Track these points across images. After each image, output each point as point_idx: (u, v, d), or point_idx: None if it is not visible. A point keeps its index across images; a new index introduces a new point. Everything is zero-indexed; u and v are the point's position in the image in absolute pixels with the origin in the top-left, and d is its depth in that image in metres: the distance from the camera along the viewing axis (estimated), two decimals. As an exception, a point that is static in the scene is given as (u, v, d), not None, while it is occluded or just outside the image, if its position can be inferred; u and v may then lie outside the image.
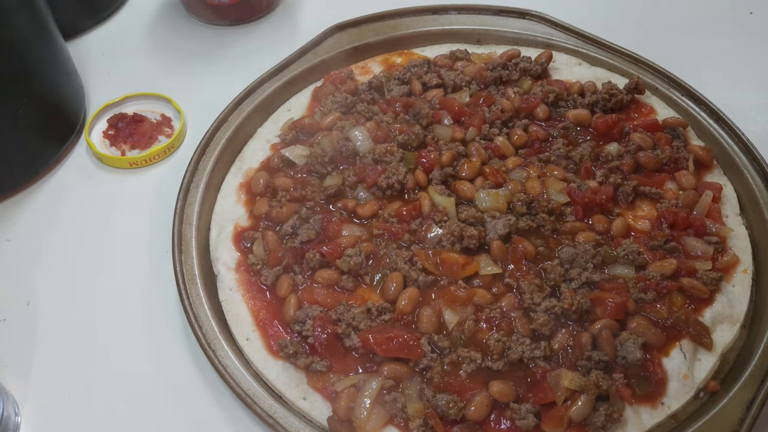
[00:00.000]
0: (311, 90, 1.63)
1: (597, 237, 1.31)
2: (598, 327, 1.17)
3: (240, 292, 1.27)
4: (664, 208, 1.35)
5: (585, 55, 1.67)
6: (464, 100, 1.55)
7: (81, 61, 1.79)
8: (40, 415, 1.21)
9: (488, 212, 1.32)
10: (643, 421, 1.11)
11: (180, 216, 1.35)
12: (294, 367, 1.17)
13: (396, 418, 1.11)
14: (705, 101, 1.52)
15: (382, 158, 1.41)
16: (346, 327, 1.19)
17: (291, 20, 1.70)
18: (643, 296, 1.22)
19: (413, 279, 1.24)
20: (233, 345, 1.21)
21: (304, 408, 1.14)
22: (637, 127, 1.49)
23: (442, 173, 1.40)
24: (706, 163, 1.44)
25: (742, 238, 1.34)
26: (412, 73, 1.61)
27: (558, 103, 1.56)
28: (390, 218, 1.33)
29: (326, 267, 1.28)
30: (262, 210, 1.37)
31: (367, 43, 1.70)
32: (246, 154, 1.50)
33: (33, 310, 1.34)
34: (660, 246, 1.29)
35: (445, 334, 1.19)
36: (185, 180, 1.39)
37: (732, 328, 1.22)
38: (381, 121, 1.50)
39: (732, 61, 1.80)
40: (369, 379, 1.13)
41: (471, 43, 1.74)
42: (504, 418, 1.11)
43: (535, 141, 1.48)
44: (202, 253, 1.33)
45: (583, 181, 1.39)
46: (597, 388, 1.09)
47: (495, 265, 1.26)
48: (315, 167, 1.41)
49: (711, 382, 1.16)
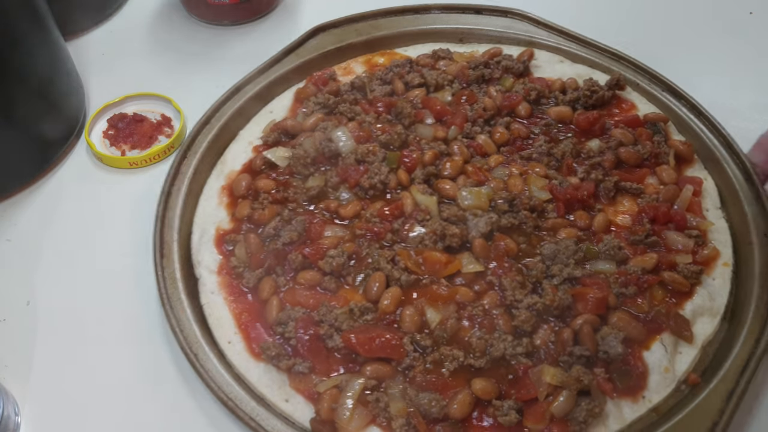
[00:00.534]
0: (293, 91, 1.62)
1: (579, 233, 1.31)
2: (580, 322, 1.17)
3: (222, 295, 1.27)
4: (644, 203, 1.35)
5: (567, 53, 1.67)
6: (446, 99, 1.56)
7: (81, 61, 1.79)
8: (40, 415, 1.21)
9: (470, 210, 1.32)
10: (624, 415, 1.12)
11: (161, 220, 1.35)
12: (276, 369, 1.17)
13: (379, 418, 1.11)
14: (686, 96, 1.53)
15: (364, 158, 1.42)
16: (329, 328, 1.19)
17: (291, 20, 1.70)
18: (624, 291, 1.22)
19: (396, 278, 1.24)
20: (215, 348, 1.21)
21: (287, 410, 1.14)
22: (618, 123, 1.50)
23: (425, 172, 1.40)
24: (687, 158, 1.45)
25: (722, 231, 1.34)
26: (395, 72, 1.62)
27: (540, 101, 1.56)
28: (372, 218, 1.34)
29: (309, 268, 1.28)
30: (244, 212, 1.37)
31: (349, 44, 1.70)
32: (228, 157, 1.50)
33: (33, 310, 1.34)
34: (641, 241, 1.30)
35: (427, 332, 1.19)
36: (166, 184, 1.39)
37: (712, 320, 1.23)
38: (363, 122, 1.50)
39: (732, 60, 1.81)
40: (351, 380, 1.13)
41: (453, 42, 1.74)
42: (486, 415, 1.11)
43: (517, 138, 1.48)
44: (184, 257, 1.33)
45: (564, 178, 1.39)
46: (578, 383, 1.09)
47: (477, 263, 1.26)
48: (297, 168, 1.42)
49: (692, 375, 1.17)
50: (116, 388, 1.23)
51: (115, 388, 1.23)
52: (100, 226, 1.47)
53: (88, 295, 1.36)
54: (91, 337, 1.30)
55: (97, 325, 1.31)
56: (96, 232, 1.46)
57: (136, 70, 1.83)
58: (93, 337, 1.30)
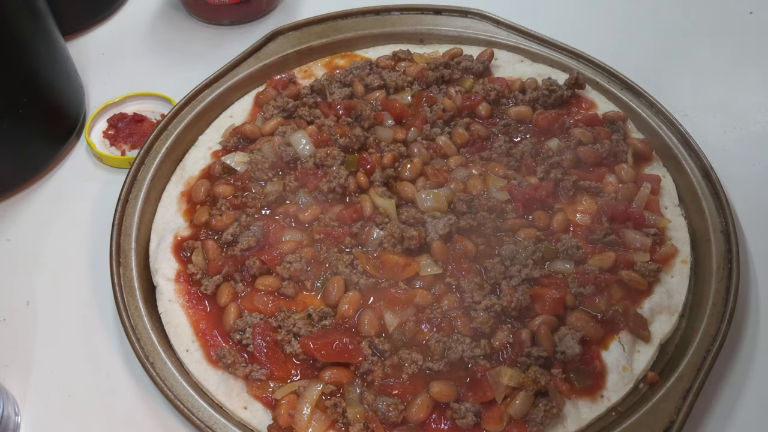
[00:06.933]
0: (253, 95, 1.61)
1: (538, 233, 1.31)
2: (537, 323, 1.17)
3: (179, 303, 1.25)
4: (603, 202, 1.36)
5: (527, 52, 1.68)
6: (406, 100, 1.55)
7: (81, 61, 1.78)
8: (40, 415, 1.21)
9: (429, 213, 1.32)
10: (582, 415, 1.12)
11: (118, 228, 1.33)
12: (233, 376, 1.16)
13: (337, 423, 1.10)
14: (645, 94, 1.54)
15: (323, 162, 1.41)
16: (287, 334, 1.18)
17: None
18: (582, 290, 1.22)
19: (354, 282, 1.24)
20: (173, 357, 1.20)
21: (245, 417, 1.13)
22: (577, 122, 1.50)
23: (384, 175, 1.40)
24: (646, 156, 1.46)
25: (680, 228, 1.35)
26: (354, 75, 1.61)
27: (500, 101, 1.56)
28: (331, 222, 1.33)
29: (267, 274, 1.27)
30: (202, 219, 1.35)
31: (309, 47, 1.69)
32: (187, 163, 1.49)
33: (33, 310, 1.34)
34: (599, 239, 1.30)
35: (385, 336, 1.19)
36: (123, 191, 1.37)
37: (671, 318, 1.23)
38: (323, 125, 1.49)
39: (732, 60, 1.82)
40: (309, 386, 1.13)
41: (414, 43, 1.74)
42: (444, 418, 1.11)
43: (477, 139, 1.48)
44: (141, 265, 1.32)
45: (524, 178, 1.40)
46: (535, 384, 1.09)
47: (436, 266, 1.26)
48: (255, 174, 1.40)
49: (650, 373, 1.17)
50: (109, 391, 1.24)
51: (108, 391, 1.24)
52: (99, 226, 1.45)
53: (87, 295, 1.36)
54: (89, 337, 1.30)
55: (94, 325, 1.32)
56: (96, 231, 1.45)
57: (136, 70, 1.82)
58: (90, 337, 1.30)
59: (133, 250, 1.32)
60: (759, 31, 1.89)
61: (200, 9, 1.91)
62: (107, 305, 1.32)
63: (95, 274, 1.38)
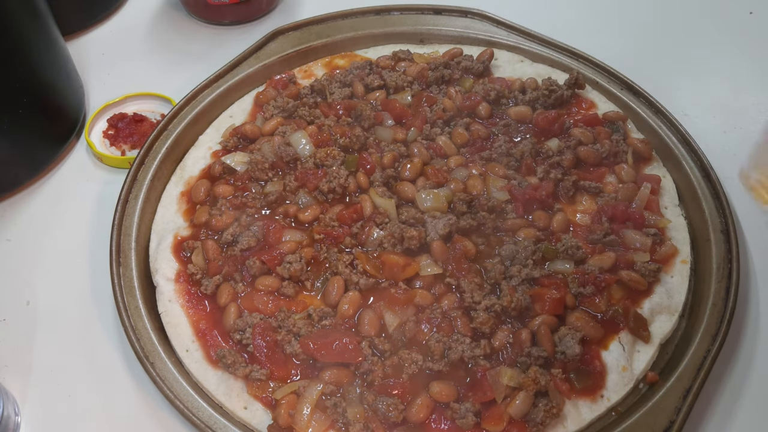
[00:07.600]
0: (253, 95, 1.61)
1: (538, 233, 1.31)
2: (537, 323, 1.17)
3: (179, 303, 1.25)
4: (603, 202, 1.36)
5: (527, 52, 1.68)
6: (406, 100, 1.55)
7: (81, 61, 1.79)
8: (40, 415, 1.21)
9: (429, 212, 1.32)
10: (582, 415, 1.12)
11: (118, 228, 1.33)
12: (233, 376, 1.16)
13: (337, 423, 1.10)
14: (645, 94, 1.54)
15: (323, 162, 1.41)
16: (287, 334, 1.18)
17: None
18: (582, 290, 1.22)
19: (354, 282, 1.24)
20: (173, 357, 1.20)
21: (245, 417, 1.13)
22: (577, 122, 1.50)
23: (384, 175, 1.40)
24: (645, 156, 1.46)
25: (680, 228, 1.35)
26: (354, 75, 1.61)
27: (500, 101, 1.56)
28: (331, 222, 1.33)
29: (267, 274, 1.27)
30: (202, 219, 1.35)
31: (309, 47, 1.69)
32: (187, 163, 1.49)
33: (33, 310, 1.34)
34: (599, 239, 1.30)
35: (385, 336, 1.19)
36: (123, 191, 1.37)
37: (671, 318, 1.23)
38: (323, 125, 1.49)
39: (732, 60, 1.82)
40: (309, 386, 1.13)
41: (414, 43, 1.74)
42: (444, 418, 1.11)
43: (477, 139, 1.48)
44: (141, 265, 1.32)
45: (524, 178, 1.40)
46: (535, 384, 1.09)
47: (436, 266, 1.26)
48: (255, 174, 1.40)
49: (650, 373, 1.17)
50: (107, 391, 1.24)
51: (107, 391, 1.24)
52: (99, 226, 1.45)
53: (86, 295, 1.36)
54: (88, 336, 1.30)
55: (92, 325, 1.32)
56: (96, 231, 1.45)
57: (136, 70, 1.82)
58: (89, 336, 1.30)
59: (133, 250, 1.32)
60: (759, 31, 1.90)
61: (200, 9, 1.91)
62: (107, 305, 1.31)
63: (95, 274, 1.38)
